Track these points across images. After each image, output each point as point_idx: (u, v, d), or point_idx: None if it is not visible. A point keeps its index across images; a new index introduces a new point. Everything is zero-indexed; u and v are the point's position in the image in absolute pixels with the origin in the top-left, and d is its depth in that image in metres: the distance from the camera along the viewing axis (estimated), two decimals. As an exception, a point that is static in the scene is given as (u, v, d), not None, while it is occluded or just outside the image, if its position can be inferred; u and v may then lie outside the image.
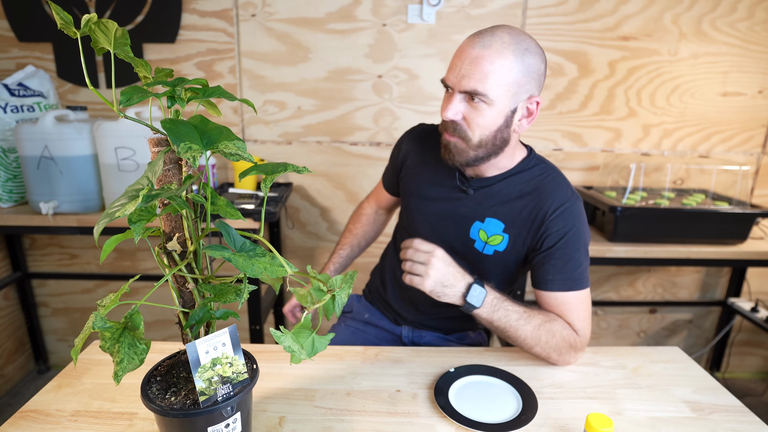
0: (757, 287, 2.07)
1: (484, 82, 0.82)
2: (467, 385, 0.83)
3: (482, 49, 0.82)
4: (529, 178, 0.94)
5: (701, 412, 0.79)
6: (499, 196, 0.95)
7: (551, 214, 0.90)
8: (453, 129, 0.89)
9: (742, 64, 1.83)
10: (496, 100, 0.83)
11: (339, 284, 0.62)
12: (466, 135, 0.88)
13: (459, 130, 0.88)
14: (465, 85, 0.83)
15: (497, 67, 0.81)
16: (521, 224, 0.93)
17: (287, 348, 0.56)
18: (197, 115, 0.52)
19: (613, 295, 2.11)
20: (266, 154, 1.88)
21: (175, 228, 0.57)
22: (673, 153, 1.93)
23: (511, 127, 0.88)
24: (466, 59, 0.83)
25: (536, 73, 0.85)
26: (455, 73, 0.85)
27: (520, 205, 0.93)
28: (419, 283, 0.85)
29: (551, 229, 0.90)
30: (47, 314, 2.06)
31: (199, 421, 0.56)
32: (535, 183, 0.93)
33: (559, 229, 0.90)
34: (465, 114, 0.86)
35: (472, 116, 0.86)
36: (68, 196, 1.51)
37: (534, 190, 0.93)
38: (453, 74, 0.86)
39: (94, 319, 0.50)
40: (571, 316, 0.89)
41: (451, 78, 0.86)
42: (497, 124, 0.86)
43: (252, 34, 1.75)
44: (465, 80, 0.83)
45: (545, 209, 0.91)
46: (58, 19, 0.48)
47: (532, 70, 0.84)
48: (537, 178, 0.94)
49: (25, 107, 1.59)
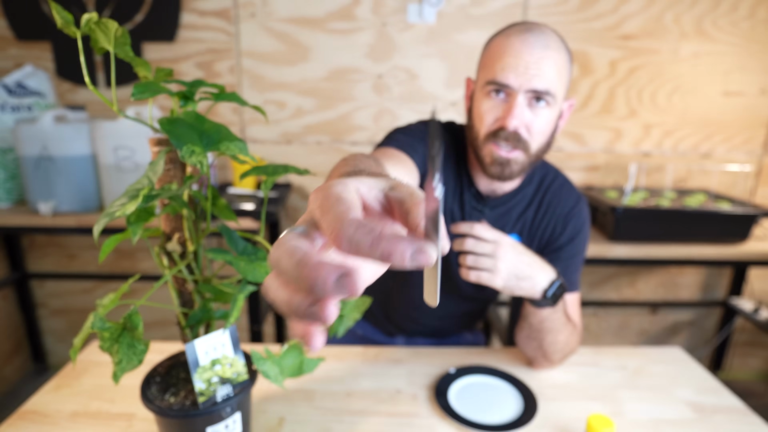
0: (758, 287, 2.07)
1: (554, 81, 0.75)
2: (467, 385, 0.83)
3: (544, 48, 0.74)
4: (535, 184, 0.92)
5: (703, 413, 0.79)
6: (514, 211, 0.91)
7: (561, 220, 0.90)
8: (516, 140, 0.78)
9: (743, 64, 1.82)
10: (558, 101, 0.78)
11: (350, 308, 0.63)
12: (527, 145, 0.78)
13: (521, 140, 0.78)
14: (537, 84, 0.74)
15: (560, 66, 0.76)
16: (533, 232, 0.92)
17: (264, 372, 0.57)
18: (191, 113, 0.51)
19: (614, 295, 2.10)
20: (266, 153, 1.87)
21: (175, 228, 0.57)
22: (674, 153, 1.93)
23: (556, 131, 0.83)
24: (529, 58, 0.74)
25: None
26: (518, 72, 0.74)
27: (530, 213, 0.91)
28: (488, 279, 0.74)
29: (561, 233, 0.90)
30: (46, 315, 2.05)
31: (199, 421, 0.55)
32: (538, 185, 0.92)
33: (568, 234, 0.89)
34: (527, 120, 0.77)
35: (533, 122, 0.77)
36: (67, 196, 1.50)
37: (541, 195, 0.92)
38: (514, 74, 0.75)
39: (93, 320, 0.50)
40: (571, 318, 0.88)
41: (511, 78, 0.75)
42: (552, 128, 0.80)
43: (252, 33, 1.74)
44: (537, 79, 0.74)
45: (556, 215, 0.90)
46: (58, 18, 0.47)
47: (572, 72, 0.81)
48: (543, 182, 0.92)
49: (24, 107, 1.59)
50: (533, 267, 0.76)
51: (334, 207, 0.26)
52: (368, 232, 0.24)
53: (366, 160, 0.51)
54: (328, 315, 0.25)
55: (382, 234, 0.23)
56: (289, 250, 0.25)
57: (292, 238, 0.26)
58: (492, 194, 0.90)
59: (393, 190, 0.30)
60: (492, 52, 0.79)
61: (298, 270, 0.24)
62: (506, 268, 0.74)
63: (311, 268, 0.23)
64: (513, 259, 0.74)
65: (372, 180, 0.31)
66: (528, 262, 0.76)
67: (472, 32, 1.75)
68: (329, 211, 0.26)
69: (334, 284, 0.23)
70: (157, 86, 0.49)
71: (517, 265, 0.75)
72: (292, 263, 0.24)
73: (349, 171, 0.45)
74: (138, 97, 0.47)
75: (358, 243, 0.23)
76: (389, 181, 0.32)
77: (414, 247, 0.23)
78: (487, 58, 0.80)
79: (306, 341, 0.27)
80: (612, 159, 1.93)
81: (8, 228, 1.53)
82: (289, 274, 0.24)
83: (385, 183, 0.31)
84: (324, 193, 0.27)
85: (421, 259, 0.24)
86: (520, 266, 0.75)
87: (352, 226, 0.24)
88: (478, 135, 0.82)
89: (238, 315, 0.56)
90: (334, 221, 0.25)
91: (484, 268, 0.74)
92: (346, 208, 0.26)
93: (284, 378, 0.59)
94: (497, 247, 0.74)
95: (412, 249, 0.23)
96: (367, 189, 0.30)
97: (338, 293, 0.23)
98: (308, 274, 0.23)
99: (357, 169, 0.45)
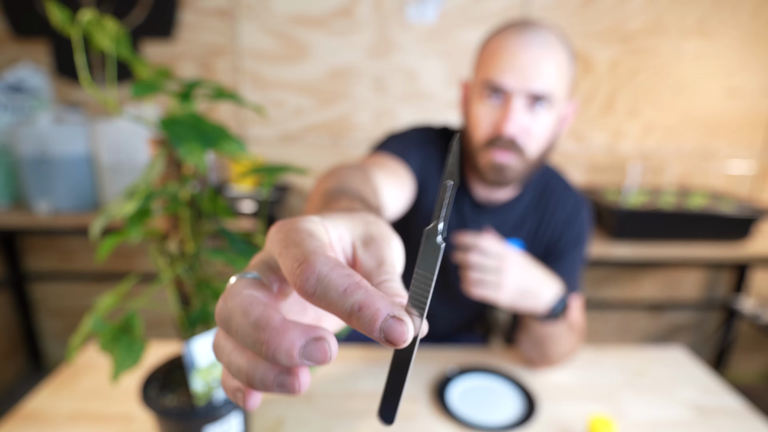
0: (760, 288, 2.07)
1: (554, 82, 0.72)
2: (468, 386, 0.82)
3: (542, 47, 0.71)
4: (537, 189, 0.90)
5: (705, 414, 0.78)
6: (513, 218, 0.88)
7: (564, 224, 0.89)
8: (513, 146, 0.74)
9: (745, 64, 1.82)
10: (558, 103, 0.74)
11: None
12: (524, 150, 0.75)
13: (517, 144, 0.74)
14: (535, 86, 0.71)
15: (561, 66, 0.73)
16: (536, 237, 0.90)
17: None
18: (190, 114, 0.51)
19: (615, 295, 2.10)
20: (265, 153, 1.87)
21: (174, 228, 0.56)
22: (676, 153, 1.93)
23: (557, 134, 0.80)
24: (526, 59, 0.71)
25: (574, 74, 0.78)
26: (515, 74, 0.71)
27: (532, 219, 0.90)
28: (492, 296, 0.71)
29: (563, 237, 0.89)
30: (43, 315, 2.04)
31: (198, 422, 0.55)
32: (539, 190, 0.91)
33: (570, 238, 0.89)
34: (525, 124, 0.74)
35: (531, 125, 0.74)
36: (65, 196, 1.50)
37: (541, 197, 0.90)
38: (511, 75, 0.71)
39: (93, 320, 0.49)
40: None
41: (508, 80, 0.71)
42: (552, 131, 0.77)
43: (251, 32, 1.74)
44: (535, 81, 0.71)
45: (558, 220, 0.89)
46: (55, 16, 0.47)
47: (575, 71, 0.77)
48: (544, 187, 0.91)
49: (21, 106, 1.58)
50: (539, 283, 0.73)
51: (304, 240, 0.21)
52: (345, 276, 0.20)
53: (353, 177, 0.48)
54: (303, 384, 0.20)
55: (360, 283, 0.20)
56: (242, 305, 0.20)
57: (244, 286, 0.22)
58: (490, 201, 0.87)
59: (366, 247, 0.26)
60: (488, 52, 0.76)
61: (255, 334, 0.19)
62: (512, 285, 0.70)
63: (272, 331, 0.19)
64: (519, 275, 0.71)
65: (345, 220, 0.27)
66: (534, 278, 0.72)
67: (472, 32, 1.75)
68: (296, 245, 0.21)
69: (302, 352, 0.19)
70: (157, 85, 0.49)
71: (524, 281, 0.71)
72: (248, 324, 0.20)
73: (333, 188, 0.43)
74: (138, 96, 0.47)
75: (328, 285, 0.19)
76: (365, 225, 0.27)
77: (395, 311, 0.19)
78: (482, 58, 0.77)
79: (239, 400, 0.22)
80: (613, 159, 1.92)
81: (5, 228, 1.52)
82: (243, 337, 0.20)
83: (361, 228, 0.26)
84: (290, 226, 0.23)
85: (397, 330, 0.19)
86: (526, 283, 0.71)
87: (327, 264, 0.20)
88: (474, 142, 0.78)
89: None
90: (301, 254, 0.20)
91: (489, 283, 0.70)
92: (319, 244, 0.22)
93: None
94: (503, 262, 0.70)
95: (392, 312, 0.19)
96: (337, 235, 0.25)
97: (307, 363, 0.19)
98: (268, 338, 0.19)
99: (341, 187, 0.42)
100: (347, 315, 0.19)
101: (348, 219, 0.27)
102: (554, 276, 0.77)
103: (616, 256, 1.57)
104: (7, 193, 1.58)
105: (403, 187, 0.72)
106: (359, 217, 0.28)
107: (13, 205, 1.60)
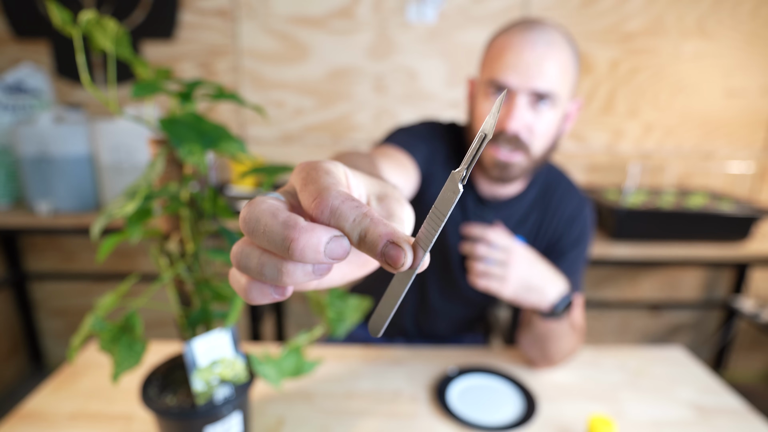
0: (760, 287, 2.07)
1: (557, 80, 0.72)
2: (468, 385, 0.82)
3: (546, 46, 0.72)
4: (540, 187, 0.91)
5: (704, 414, 0.78)
6: (517, 214, 0.89)
7: (566, 223, 0.89)
8: (515, 143, 0.75)
9: (745, 64, 1.82)
10: (562, 101, 0.75)
11: (351, 310, 0.63)
12: (529, 148, 0.75)
13: (522, 142, 0.75)
14: (538, 84, 0.71)
15: (564, 65, 0.73)
16: (538, 235, 0.91)
17: (262, 375, 0.57)
18: (190, 114, 0.51)
19: (615, 295, 2.10)
20: (265, 153, 1.87)
21: (174, 228, 0.56)
22: (676, 153, 1.93)
23: (561, 132, 0.80)
24: (530, 56, 0.71)
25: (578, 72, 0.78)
26: (519, 72, 0.71)
27: (534, 216, 0.90)
28: (497, 288, 0.72)
29: (565, 236, 0.89)
30: (44, 315, 2.05)
31: (198, 422, 0.55)
32: (542, 188, 0.91)
33: (572, 237, 0.89)
34: (528, 122, 0.74)
35: (535, 123, 0.74)
36: (65, 196, 1.50)
37: (544, 194, 0.91)
38: (515, 73, 0.72)
39: (93, 320, 0.49)
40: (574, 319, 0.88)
41: (512, 78, 0.72)
42: (555, 129, 0.77)
43: (251, 32, 1.74)
44: (538, 79, 0.71)
45: (561, 218, 0.89)
46: (55, 17, 0.47)
47: (579, 69, 0.77)
48: (547, 185, 0.91)
49: (22, 106, 1.58)
50: (544, 279, 0.74)
51: (321, 177, 0.24)
52: (355, 207, 0.22)
53: (361, 159, 0.49)
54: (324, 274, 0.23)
55: (369, 212, 0.22)
56: (270, 209, 0.22)
57: (269, 197, 0.24)
58: (494, 197, 0.88)
59: (379, 201, 0.28)
60: (493, 50, 0.77)
61: (285, 231, 0.21)
62: (517, 278, 0.72)
63: (301, 229, 0.21)
64: (525, 269, 0.72)
65: (364, 178, 0.29)
66: (539, 274, 0.73)
67: (472, 32, 1.75)
68: (315, 181, 0.23)
69: (326, 249, 0.21)
70: (158, 86, 0.49)
71: (529, 275, 0.72)
72: (277, 224, 0.22)
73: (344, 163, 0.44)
74: (138, 97, 0.47)
75: (341, 215, 0.22)
76: (382, 186, 0.29)
77: (397, 237, 0.22)
78: (488, 57, 0.79)
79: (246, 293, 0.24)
80: (613, 159, 1.92)
81: (6, 228, 1.52)
82: (272, 236, 0.22)
83: (378, 188, 0.29)
84: (312, 165, 0.25)
85: (396, 255, 0.22)
86: (531, 277, 0.73)
87: (339, 197, 0.22)
88: None
89: (237, 316, 0.56)
90: (318, 190, 0.23)
91: (494, 275, 0.72)
92: (334, 181, 0.24)
93: (282, 379, 0.59)
94: (509, 256, 0.71)
95: (392, 238, 0.22)
96: (355, 183, 0.28)
97: (327, 260, 0.21)
98: (298, 235, 0.21)
99: (351, 166, 0.44)
100: (357, 241, 0.22)
101: (366, 177, 0.29)
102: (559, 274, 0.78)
103: (616, 256, 1.57)
104: (7, 193, 1.58)
105: (407, 178, 0.72)
106: (377, 180, 0.30)
107: (13, 205, 1.60)
